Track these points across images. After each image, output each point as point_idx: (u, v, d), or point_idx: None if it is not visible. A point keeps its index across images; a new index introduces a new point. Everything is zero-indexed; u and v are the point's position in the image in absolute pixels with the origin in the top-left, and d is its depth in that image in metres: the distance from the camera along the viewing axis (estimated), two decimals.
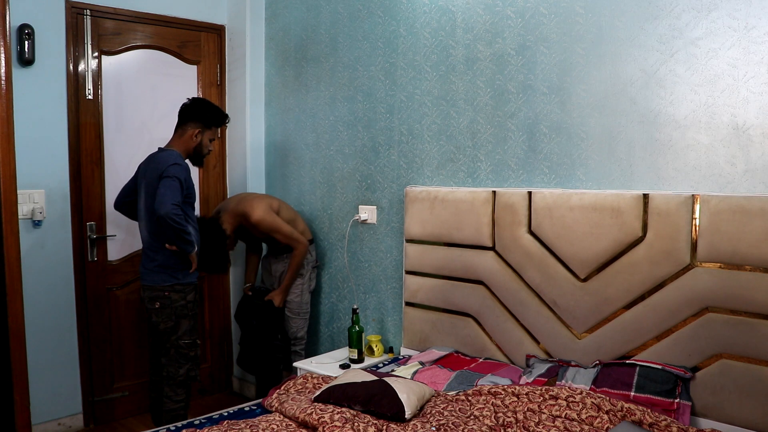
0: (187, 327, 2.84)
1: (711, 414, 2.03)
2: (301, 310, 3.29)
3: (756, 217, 1.91)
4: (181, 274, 2.81)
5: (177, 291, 2.80)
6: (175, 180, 2.67)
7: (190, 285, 2.84)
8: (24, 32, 2.94)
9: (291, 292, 3.26)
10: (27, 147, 2.94)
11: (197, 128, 2.85)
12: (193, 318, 2.87)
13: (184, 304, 2.82)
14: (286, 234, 3.14)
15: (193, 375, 2.88)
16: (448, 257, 2.72)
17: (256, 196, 3.25)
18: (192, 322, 2.86)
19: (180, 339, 2.83)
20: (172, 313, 2.81)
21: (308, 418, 1.92)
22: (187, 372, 2.86)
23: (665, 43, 2.16)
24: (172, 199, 2.62)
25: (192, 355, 2.87)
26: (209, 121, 2.89)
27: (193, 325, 2.87)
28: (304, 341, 3.32)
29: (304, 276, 3.27)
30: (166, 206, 2.61)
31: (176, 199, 2.64)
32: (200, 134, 2.86)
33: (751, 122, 1.99)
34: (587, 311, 2.31)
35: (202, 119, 2.87)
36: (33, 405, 2.78)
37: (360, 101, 3.19)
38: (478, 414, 2.00)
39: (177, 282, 2.80)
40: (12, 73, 2.60)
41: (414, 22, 2.92)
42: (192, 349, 2.87)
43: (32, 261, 3.03)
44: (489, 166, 2.68)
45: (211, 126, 2.91)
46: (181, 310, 2.81)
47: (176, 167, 2.72)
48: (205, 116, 2.87)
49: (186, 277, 2.82)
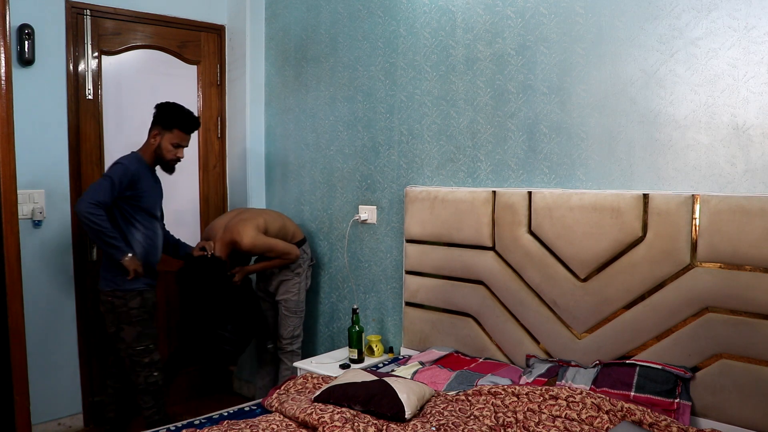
0: (135, 334, 2.74)
1: (711, 414, 2.03)
2: (298, 309, 3.27)
3: (756, 217, 1.91)
4: (121, 280, 2.70)
5: (118, 297, 2.73)
6: (107, 179, 2.60)
7: (132, 291, 2.73)
8: (24, 32, 2.94)
9: (288, 291, 3.23)
10: (27, 147, 2.94)
11: (156, 130, 2.78)
12: (141, 324, 2.76)
13: (125, 311, 2.73)
14: (281, 251, 3.09)
15: (152, 381, 2.77)
16: (448, 257, 2.72)
17: (240, 220, 3.07)
18: (140, 329, 2.75)
19: (131, 347, 2.75)
20: (116, 319, 2.74)
21: (308, 418, 1.92)
22: (146, 379, 2.77)
23: (665, 43, 2.16)
24: (93, 198, 2.54)
25: (146, 362, 2.76)
26: (168, 123, 2.77)
27: (142, 331, 2.76)
28: (300, 339, 3.31)
29: (300, 275, 3.25)
30: (81, 204, 2.53)
31: (99, 198, 2.55)
32: (158, 136, 2.77)
33: (751, 122, 1.99)
34: (587, 311, 2.30)
35: (161, 121, 2.78)
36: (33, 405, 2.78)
37: (360, 101, 3.19)
38: (478, 414, 2.00)
39: (117, 288, 2.72)
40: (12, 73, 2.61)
41: (414, 22, 2.92)
42: (145, 355, 2.77)
43: (32, 261, 3.03)
44: (489, 166, 2.68)
45: (172, 128, 2.78)
46: (125, 317, 2.73)
47: (116, 166, 2.65)
48: (163, 118, 2.78)
49: (126, 284, 2.71)
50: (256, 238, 3.01)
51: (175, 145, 2.80)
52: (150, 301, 2.82)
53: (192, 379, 3.78)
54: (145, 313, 2.78)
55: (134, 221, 2.73)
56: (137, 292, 2.75)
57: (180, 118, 2.79)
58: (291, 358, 3.25)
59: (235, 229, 3.03)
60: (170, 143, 2.78)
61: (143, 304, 2.76)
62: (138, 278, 2.72)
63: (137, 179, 2.70)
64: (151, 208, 2.81)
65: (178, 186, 3.67)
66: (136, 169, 2.71)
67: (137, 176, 2.70)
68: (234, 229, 3.03)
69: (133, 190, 2.69)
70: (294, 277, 3.24)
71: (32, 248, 3.05)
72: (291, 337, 3.27)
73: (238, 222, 3.06)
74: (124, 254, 2.66)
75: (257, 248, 3.04)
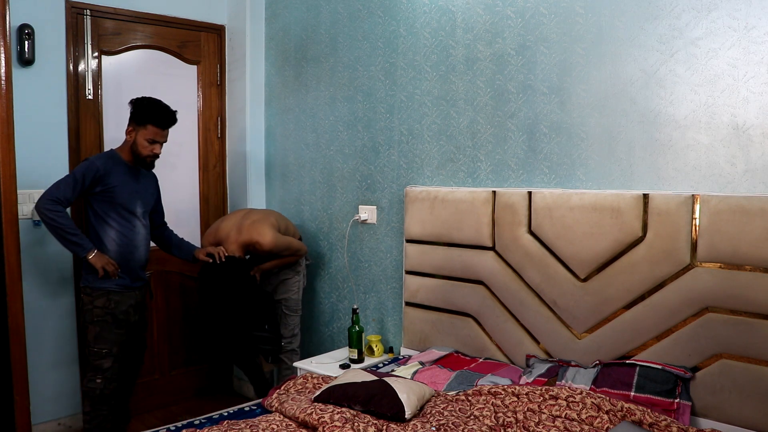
0: (94, 334, 2.66)
1: (711, 414, 2.03)
2: (298, 307, 3.29)
3: (756, 217, 1.91)
4: (92, 278, 2.65)
5: (87, 294, 2.68)
6: (69, 176, 2.58)
7: (99, 290, 2.65)
8: (24, 32, 2.94)
9: (289, 290, 3.25)
10: (27, 147, 2.93)
11: (130, 126, 2.72)
12: (100, 325, 2.66)
13: (90, 309, 2.66)
14: (296, 248, 3.12)
15: (91, 387, 2.65)
16: (448, 257, 2.72)
17: (255, 221, 3.06)
18: (98, 329, 2.65)
19: (89, 345, 2.68)
20: (82, 315, 2.71)
21: (308, 418, 1.92)
22: (87, 382, 2.67)
23: (665, 43, 2.16)
24: (52, 195, 2.50)
25: (94, 364, 2.66)
26: (141, 119, 2.69)
27: (100, 333, 2.65)
28: (299, 338, 3.32)
29: (300, 273, 3.27)
30: (40, 201, 2.51)
31: (59, 194, 2.51)
32: (133, 132, 2.70)
33: (751, 122, 1.99)
34: (587, 311, 2.30)
35: (135, 117, 2.70)
36: (33, 405, 2.79)
37: (360, 101, 3.19)
38: (478, 414, 2.00)
39: (87, 285, 2.67)
40: (12, 73, 2.61)
41: (414, 22, 2.92)
42: (97, 358, 2.66)
43: (32, 261, 3.03)
44: (489, 166, 2.68)
45: (146, 124, 2.68)
46: (88, 315, 2.67)
47: (84, 162, 2.63)
48: (137, 114, 2.70)
49: (95, 282, 2.64)
50: (277, 237, 3.02)
51: (150, 140, 2.70)
52: (119, 304, 2.69)
53: (192, 379, 3.78)
54: (108, 315, 2.67)
55: (108, 218, 2.67)
56: (104, 292, 2.66)
57: (153, 113, 2.69)
58: (291, 357, 3.25)
59: (254, 230, 3.01)
60: (144, 139, 2.69)
61: (107, 305, 2.66)
62: (108, 277, 2.63)
63: (104, 174, 2.62)
64: (127, 204, 2.71)
65: (178, 186, 3.67)
66: (103, 164, 2.63)
67: (104, 171, 2.62)
68: (252, 230, 3.01)
69: (102, 186, 2.62)
70: (294, 275, 3.25)
71: (32, 248, 3.05)
72: (291, 336, 3.28)
73: (254, 223, 3.05)
74: (87, 251, 2.58)
75: (277, 247, 3.04)
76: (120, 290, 2.70)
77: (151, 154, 2.74)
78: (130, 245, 2.74)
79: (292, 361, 3.22)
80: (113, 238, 2.69)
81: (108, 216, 2.67)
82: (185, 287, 3.69)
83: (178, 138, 3.66)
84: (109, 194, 2.65)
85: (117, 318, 2.69)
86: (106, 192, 2.64)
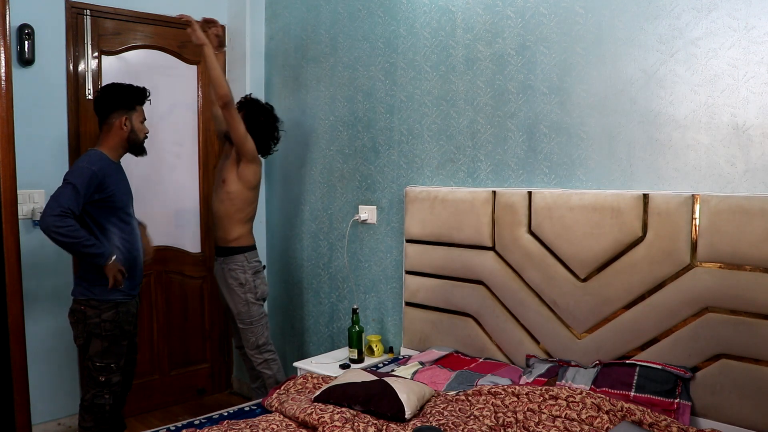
0: (100, 348, 2.52)
1: (711, 414, 2.03)
2: (253, 319, 3.00)
3: (756, 217, 1.91)
4: (99, 290, 2.50)
5: (92, 307, 2.51)
6: (68, 186, 2.38)
7: (107, 302, 2.52)
8: (24, 32, 2.94)
9: (236, 302, 3.00)
10: (27, 147, 2.93)
11: (122, 115, 2.57)
12: (109, 340, 2.53)
13: (97, 323, 2.51)
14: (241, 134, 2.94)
15: (100, 403, 2.53)
16: (448, 257, 2.72)
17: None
18: (107, 344, 2.53)
19: (91, 360, 2.53)
20: (84, 329, 2.52)
21: (308, 418, 1.92)
22: (93, 398, 2.54)
23: (665, 43, 2.16)
24: (56, 210, 2.32)
25: (102, 381, 2.53)
26: (130, 102, 2.60)
27: (108, 348, 2.53)
28: (269, 346, 3.05)
29: (244, 285, 2.98)
30: (45, 220, 2.32)
31: (64, 206, 2.34)
32: (128, 120, 2.58)
33: (751, 122, 1.99)
34: (587, 311, 2.31)
35: (123, 103, 2.58)
36: (33, 405, 2.78)
37: (360, 101, 3.19)
38: (478, 414, 2.00)
39: (93, 297, 2.51)
40: (12, 73, 2.61)
41: (414, 22, 2.92)
42: (103, 373, 2.53)
43: (32, 261, 3.03)
44: (489, 166, 2.68)
45: (134, 106, 2.61)
46: (94, 329, 2.51)
47: (78, 170, 2.44)
48: (123, 99, 2.59)
49: (103, 294, 2.51)
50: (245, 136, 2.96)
51: (142, 120, 2.66)
52: (126, 315, 2.59)
53: (192, 379, 3.78)
54: (117, 329, 2.56)
55: (109, 225, 2.53)
56: (113, 304, 2.54)
57: (135, 94, 2.64)
58: (268, 366, 3.04)
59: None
60: (139, 121, 2.63)
61: (115, 318, 2.54)
62: (117, 287, 2.51)
63: (103, 179, 2.48)
64: (125, 206, 2.61)
65: (178, 186, 3.67)
66: (100, 168, 2.48)
67: (102, 175, 2.47)
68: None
69: (101, 193, 2.47)
70: (238, 286, 2.98)
71: (32, 248, 3.05)
72: (255, 348, 3.02)
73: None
74: (107, 257, 2.45)
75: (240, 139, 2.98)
76: (127, 300, 2.60)
77: (146, 135, 2.69)
78: (133, 249, 2.63)
79: (271, 370, 3.03)
80: (118, 246, 2.55)
81: (109, 222, 2.53)
82: (185, 287, 3.69)
83: (178, 138, 3.68)
84: (108, 200, 2.51)
85: (123, 330, 2.59)
86: (105, 198, 2.50)
